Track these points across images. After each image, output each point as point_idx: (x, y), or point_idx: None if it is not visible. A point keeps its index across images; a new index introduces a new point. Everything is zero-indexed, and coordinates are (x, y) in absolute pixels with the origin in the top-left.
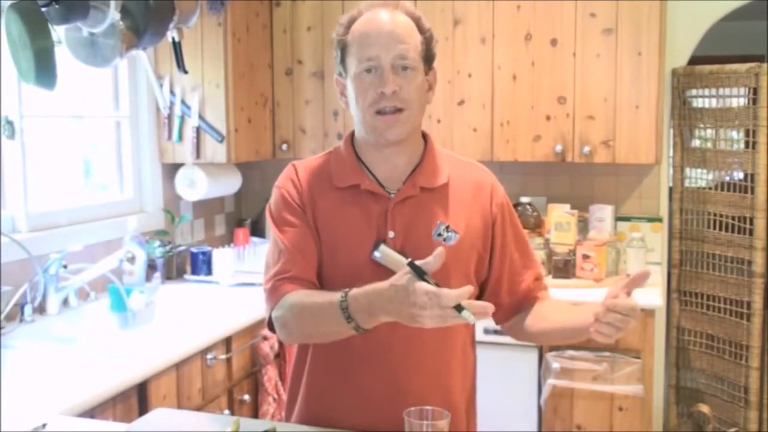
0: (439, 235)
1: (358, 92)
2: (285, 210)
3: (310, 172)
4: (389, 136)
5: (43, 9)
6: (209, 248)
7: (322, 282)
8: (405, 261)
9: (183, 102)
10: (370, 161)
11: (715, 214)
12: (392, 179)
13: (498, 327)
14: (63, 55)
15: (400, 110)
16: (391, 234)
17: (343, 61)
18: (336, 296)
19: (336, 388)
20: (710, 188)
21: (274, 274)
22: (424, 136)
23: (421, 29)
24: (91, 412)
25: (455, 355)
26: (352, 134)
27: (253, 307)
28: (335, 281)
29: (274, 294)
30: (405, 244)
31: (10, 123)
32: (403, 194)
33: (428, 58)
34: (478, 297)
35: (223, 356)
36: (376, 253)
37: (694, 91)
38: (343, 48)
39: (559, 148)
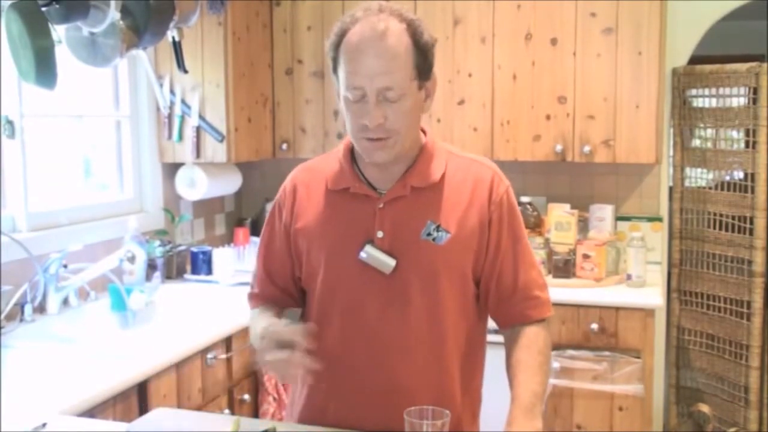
0: (428, 234)
1: (345, 113)
2: (271, 224)
3: (310, 175)
4: (375, 159)
5: (44, 8)
6: (209, 248)
7: (316, 283)
8: (391, 261)
9: (183, 101)
10: (364, 165)
11: (715, 214)
12: (385, 180)
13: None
14: (63, 55)
15: (386, 138)
16: (379, 234)
17: (335, 71)
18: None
19: (332, 386)
20: (710, 188)
21: (250, 286)
22: (423, 132)
23: (417, 41)
24: (91, 412)
25: (449, 352)
26: None
27: None
28: (327, 282)
29: (249, 303)
30: (393, 244)
31: (10, 122)
32: (392, 194)
33: (424, 71)
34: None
35: (223, 356)
36: (362, 254)
37: (694, 91)
38: (334, 60)
39: (559, 147)
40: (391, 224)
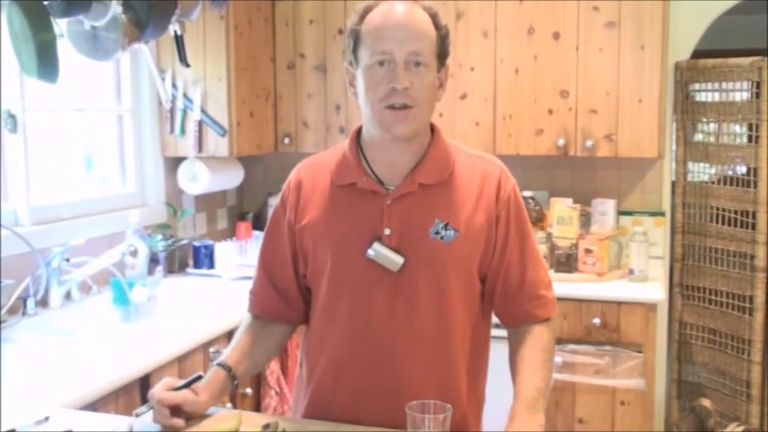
0: (437, 233)
1: (368, 85)
2: (275, 221)
3: (315, 170)
4: (396, 132)
5: (45, 2)
6: (211, 242)
7: (322, 280)
8: (399, 259)
9: (185, 95)
10: (372, 158)
11: (717, 209)
12: (393, 176)
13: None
14: (65, 49)
15: (409, 107)
16: (387, 231)
17: (355, 51)
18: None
19: (337, 383)
20: (713, 182)
21: (251, 285)
22: (433, 128)
23: (437, 26)
24: (94, 405)
25: (456, 351)
26: (359, 130)
27: None
28: (333, 280)
29: (248, 304)
30: (401, 242)
31: (12, 116)
32: (400, 191)
33: (442, 55)
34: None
35: (225, 350)
36: (370, 251)
37: (697, 85)
38: (356, 38)
39: (561, 142)
40: (399, 222)
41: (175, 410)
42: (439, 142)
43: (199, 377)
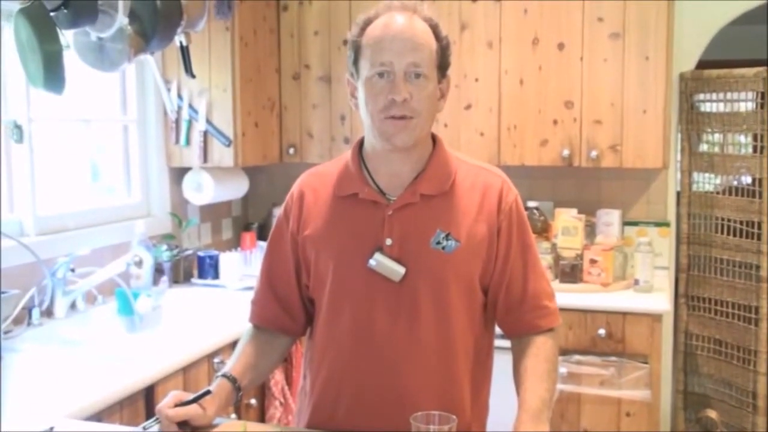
0: (438, 243)
1: (368, 96)
2: (278, 231)
3: (318, 181)
4: (396, 142)
5: (52, 13)
6: (216, 252)
7: (324, 291)
8: (401, 269)
9: (190, 106)
10: (374, 168)
11: (722, 219)
12: (395, 186)
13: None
14: (71, 60)
15: (409, 117)
16: (388, 242)
17: (355, 63)
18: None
19: (340, 394)
20: (718, 193)
21: (253, 295)
22: (434, 139)
23: (438, 37)
24: (98, 416)
25: (458, 361)
26: (361, 141)
27: None
28: (335, 290)
29: (249, 312)
30: (402, 252)
31: (18, 127)
32: (401, 201)
33: (442, 66)
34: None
35: (229, 361)
36: (371, 261)
37: (701, 96)
38: (357, 49)
39: (566, 152)
40: (400, 232)
41: (182, 423)
42: (440, 153)
43: (208, 392)
